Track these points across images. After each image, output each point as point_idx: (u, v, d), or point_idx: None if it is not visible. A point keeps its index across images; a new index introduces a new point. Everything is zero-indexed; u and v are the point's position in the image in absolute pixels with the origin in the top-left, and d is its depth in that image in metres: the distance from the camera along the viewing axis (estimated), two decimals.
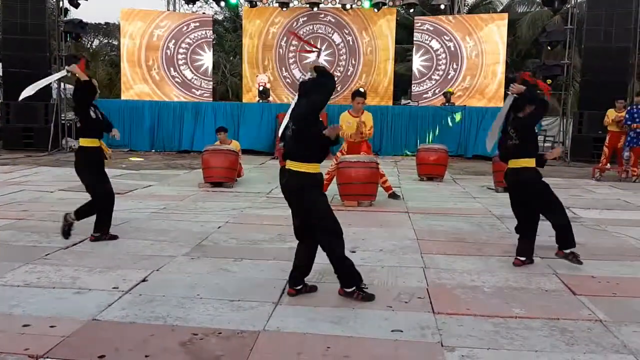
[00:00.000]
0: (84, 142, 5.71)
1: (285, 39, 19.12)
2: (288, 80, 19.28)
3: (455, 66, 18.59)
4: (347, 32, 19.11)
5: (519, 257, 5.03)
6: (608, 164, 12.02)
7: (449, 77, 18.61)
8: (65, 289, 4.20)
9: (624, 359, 3.16)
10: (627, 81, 15.19)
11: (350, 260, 4.05)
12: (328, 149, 4.12)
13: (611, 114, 11.99)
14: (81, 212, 5.60)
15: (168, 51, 18.94)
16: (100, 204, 5.66)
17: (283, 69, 19.29)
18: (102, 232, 5.67)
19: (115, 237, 5.71)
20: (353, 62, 19.15)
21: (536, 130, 5.29)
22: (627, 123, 11.32)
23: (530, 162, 4.94)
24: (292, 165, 4.03)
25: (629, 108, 11.61)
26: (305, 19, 19.20)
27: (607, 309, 3.91)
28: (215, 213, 7.30)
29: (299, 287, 4.13)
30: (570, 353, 3.23)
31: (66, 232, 5.53)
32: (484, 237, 6.16)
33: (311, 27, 19.24)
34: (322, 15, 19.13)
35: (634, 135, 11.25)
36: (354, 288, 4.02)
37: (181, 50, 19.02)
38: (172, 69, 19.00)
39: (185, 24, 19.10)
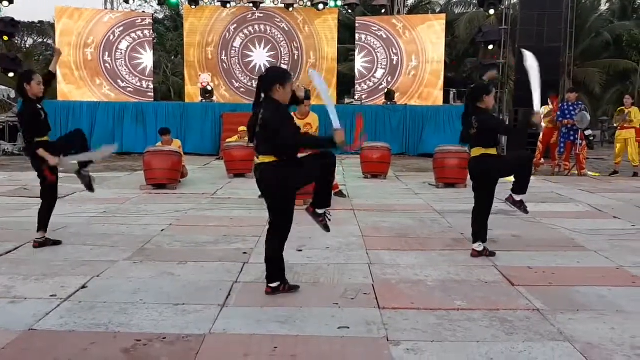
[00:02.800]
0: None
1: (224, 51, 18.92)
2: (236, 85, 19.11)
3: (395, 64, 18.91)
4: (288, 31, 19.11)
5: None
6: (542, 159, 12.52)
7: (392, 75, 18.91)
8: None
9: (560, 346, 3.30)
10: (558, 79, 15.87)
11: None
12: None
13: (544, 109, 12.48)
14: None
15: (106, 51, 18.40)
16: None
17: (224, 67, 19.10)
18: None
19: (58, 242, 5.52)
20: (296, 61, 19.17)
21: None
22: (558, 119, 11.81)
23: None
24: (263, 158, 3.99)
25: (560, 105, 12.12)
26: (246, 18, 19.08)
27: (543, 299, 4.06)
28: (158, 216, 7.14)
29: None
30: (510, 342, 3.34)
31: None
32: (426, 232, 6.30)
33: (253, 27, 19.15)
34: (265, 15, 19.07)
35: (565, 131, 11.76)
36: (279, 283, 4.10)
37: (120, 50, 18.52)
38: (110, 69, 18.47)
39: (123, 23, 18.60)
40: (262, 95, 4.00)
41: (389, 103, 17.19)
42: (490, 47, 17.33)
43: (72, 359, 3.09)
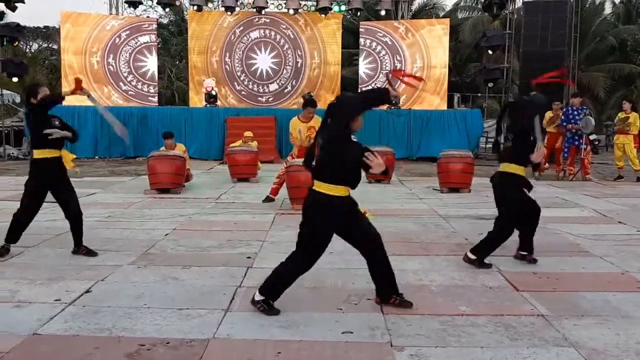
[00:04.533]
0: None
1: (228, 53, 18.99)
2: (238, 88, 19.17)
3: (400, 67, 18.90)
4: (293, 36, 19.16)
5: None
6: (546, 164, 12.49)
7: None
8: (4, 302, 4.02)
9: (565, 351, 3.29)
10: (562, 84, 15.84)
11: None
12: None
13: (547, 115, 12.46)
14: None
15: (110, 54, 18.47)
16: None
17: (227, 70, 19.15)
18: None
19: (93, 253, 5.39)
20: (299, 66, 19.21)
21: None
22: (562, 124, 11.79)
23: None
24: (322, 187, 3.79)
25: (564, 110, 12.09)
26: (250, 23, 19.14)
27: (548, 304, 4.05)
28: (162, 220, 7.16)
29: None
30: (515, 348, 3.33)
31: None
32: (430, 237, 6.29)
33: (257, 32, 19.19)
34: (269, 20, 19.12)
35: (570, 136, 11.73)
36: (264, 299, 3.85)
37: (124, 55, 18.57)
38: (115, 74, 18.54)
39: (128, 28, 18.68)
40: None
41: (393, 107, 17.18)
42: (490, 52, 17.36)
43: None
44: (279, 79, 18.98)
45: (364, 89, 19.09)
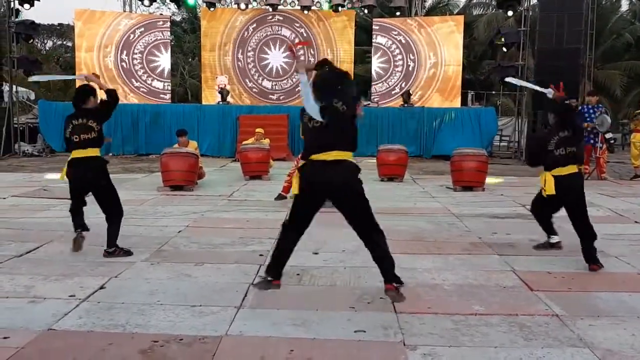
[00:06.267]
0: (97, 151, 5.40)
1: (241, 49, 19.03)
2: (248, 83, 19.21)
3: (413, 66, 18.84)
4: (305, 34, 19.13)
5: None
6: None
7: (408, 77, 18.84)
8: (19, 298, 4.06)
9: (580, 352, 3.25)
10: (578, 81, 15.69)
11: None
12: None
13: None
14: (113, 237, 5.27)
15: (124, 50, 18.57)
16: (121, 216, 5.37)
17: (240, 71, 19.19)
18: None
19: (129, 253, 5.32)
20: (312, 54, 19.12)
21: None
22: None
23: None
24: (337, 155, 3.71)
25: (580, 108, 11.96)
26: (263, 20, 19.15)
27: (563, 304, 4.01)
28: (175, 217, 7.19)
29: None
30: (529, 348, 3.30)
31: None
32: (443, 236, 6.25)
33: (270, 29, 19.19)
34: (281, 17, 19.11)
35: (585, 134, 11.59)
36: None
37: (137, 52, 18.68)
38: (128, 70, 18.65)
39: (142, 25, 18.77)
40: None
41: (406, 105, 17.12)
42: (505, 49, 17.20)
43: (90, 359, 3.11)
44: (291, 76, 18.96)
45: (377, 84, 19.05)
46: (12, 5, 16.42)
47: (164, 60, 18.89)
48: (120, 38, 18.48)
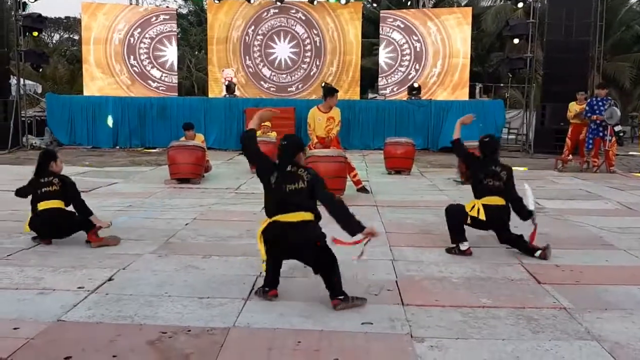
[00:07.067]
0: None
1: (250, 32, 19.00)
2: (251, 69, 19.18)
3: (420, 58, 18.77)
4: (312, 25, 19.08)
5: None
6: (570, 156, 12.32)
7: (415, 69, 18.78)
8: (29, 289, 4.09)
9: (587, 345, 3.25)
10: (587, 74, 15.57)
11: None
12: None
13: (572, 107, 12.26)
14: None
15: (131, 46, 18.61)
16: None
17: (248, 60, 19.15)
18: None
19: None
20: (319, 55, 19.14)
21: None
22: (587, 115, 11.59)
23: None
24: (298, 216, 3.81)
25: (589, 100, 11.89)
26: (270, 12, 19.11)
27: (571, 297, 4.00)
28: (182, 210, 7.21)
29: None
30: (536, 340, 3.30)
31: None
32: None
33: (277, 21, 19.16)
34: (288, 9, 19.07)
35: (594, 127, 11.53)
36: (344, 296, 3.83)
37: (144, 45, 18.71)
38: (135, 63, 18.69)
39: (148, 18, 18.78)
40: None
41: (413, 98, 17.05)
42: (516, 40, 17.08)
43: (99, 350, 3.14)
44: (297, 69, 18.92)
45: (384, 76, 19.00)
46: None
47: (171, 53, 18.91)
48: (128, 28, 18.51)
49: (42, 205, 5.32)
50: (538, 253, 4.99)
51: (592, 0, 15.35)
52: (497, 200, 5.13)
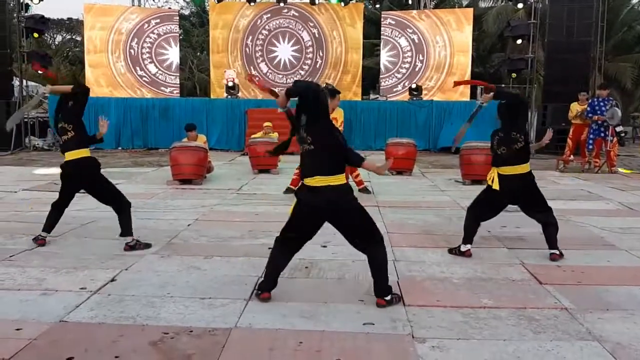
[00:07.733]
0: (87, 152, 5.47)
1: (251, 36, 19.03)
2: (252, 70, 19.20)
3: (421, 59, 18.77)
4: (313, 26, 19.09)
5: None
6: (571, 156, 12.31)
7: (416, 70, 18.78)
8: (31, 290, 4.10)
9: (589, 345, 3.25)
10: (588, 74, 15.56)
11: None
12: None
13: (574, 107, 12.25)
14: (126, 227, 5.31)
15: (133, 47, 18.64)
16: (129, 205, 5.43)
17: (251, 65, 19.19)
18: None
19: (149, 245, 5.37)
20: (320, 56, 19.15)
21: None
22: (588, 115, 11.58)
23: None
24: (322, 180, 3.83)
25: (590, 101, 11.88)
26: (272, 13, 19.13)
27: (572, 297, 4.00)
28: (184, 210, 7.22)
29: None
30: (537, 341, 3.30)
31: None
32: (452, 229, 6.22)
33: (278, 22, 19.17)
34: (289, 10, 19.09)
35: (595, 127, 11.53)
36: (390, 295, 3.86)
37: (146, 46, 18.73)
38: (137, 64, 18.72)
39: (150, 19, 18.81)
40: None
41: (414, 99, 17.05)
42: (519, 41, 17.07)
43: (101, 351, 3.15)
44: (303, 63, 18.94)
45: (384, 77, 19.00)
46: (21, 0, 16.49)
47: (172, 54, 18.93)
48: (131, 28, 18.53)
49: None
50: (551, 253, 4.97)
51: (593, 0, 15.34)
52: (515, 170, 5.01)
